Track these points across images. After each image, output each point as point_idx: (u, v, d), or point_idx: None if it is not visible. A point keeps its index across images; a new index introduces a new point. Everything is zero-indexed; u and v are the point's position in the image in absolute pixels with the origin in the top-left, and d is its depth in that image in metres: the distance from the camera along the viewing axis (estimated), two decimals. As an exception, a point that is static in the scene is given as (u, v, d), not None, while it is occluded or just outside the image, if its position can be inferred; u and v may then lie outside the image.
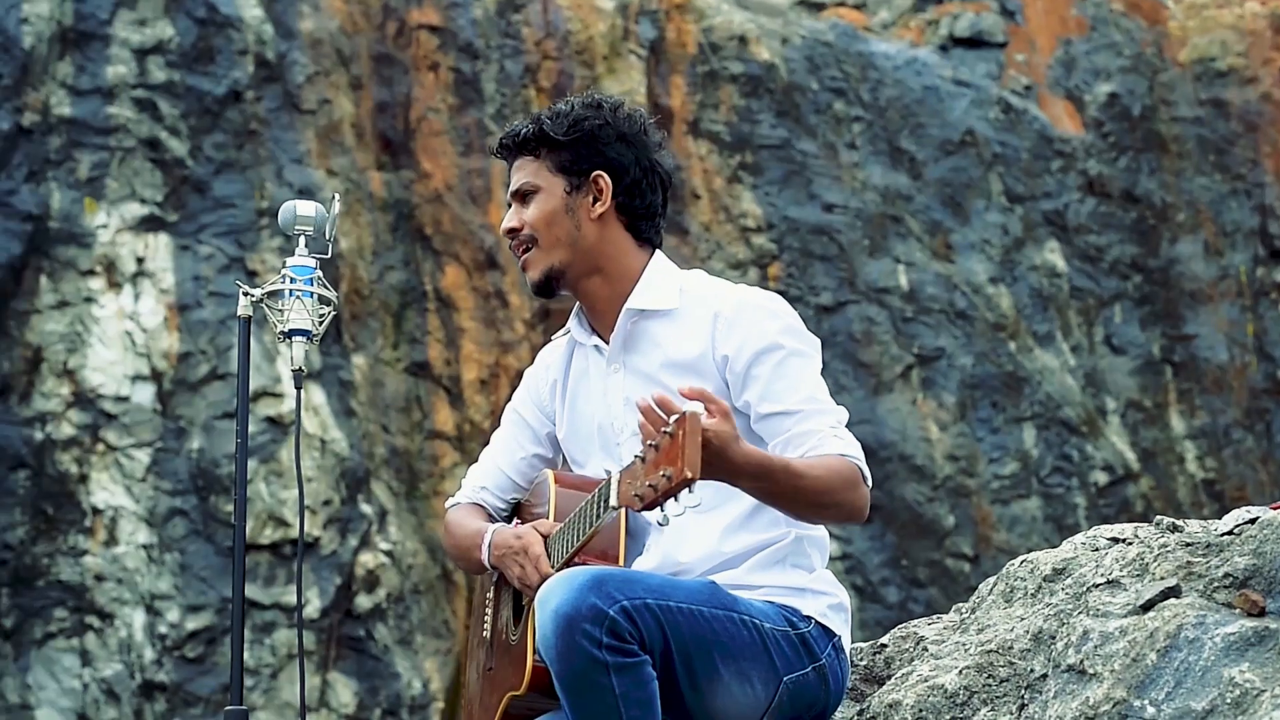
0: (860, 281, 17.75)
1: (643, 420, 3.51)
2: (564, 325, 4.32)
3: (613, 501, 3.51)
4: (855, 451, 3.85)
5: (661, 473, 3.32)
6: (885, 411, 17.41)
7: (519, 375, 17.69)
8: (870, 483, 3.85)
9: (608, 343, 4.11)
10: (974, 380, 17.90)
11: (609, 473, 3.57)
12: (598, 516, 3.63)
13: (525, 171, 4.12)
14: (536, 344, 16.52)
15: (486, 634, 4.24)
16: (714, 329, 3.96)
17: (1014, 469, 17.67)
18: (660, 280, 4.10)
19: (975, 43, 19.61)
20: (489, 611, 4.26)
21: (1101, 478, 17.93)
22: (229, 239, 15.68)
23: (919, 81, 19.03)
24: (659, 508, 3.34)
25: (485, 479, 4.33)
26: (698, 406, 3.31)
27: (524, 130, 4.11)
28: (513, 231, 4.14)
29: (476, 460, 4.40)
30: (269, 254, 15.62)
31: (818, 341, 4.04)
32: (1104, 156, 19.38)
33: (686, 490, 3.30)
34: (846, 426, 3.95)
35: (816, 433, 3.84)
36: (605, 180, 4.09)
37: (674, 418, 3.35)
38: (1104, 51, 19.83)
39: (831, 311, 17.50)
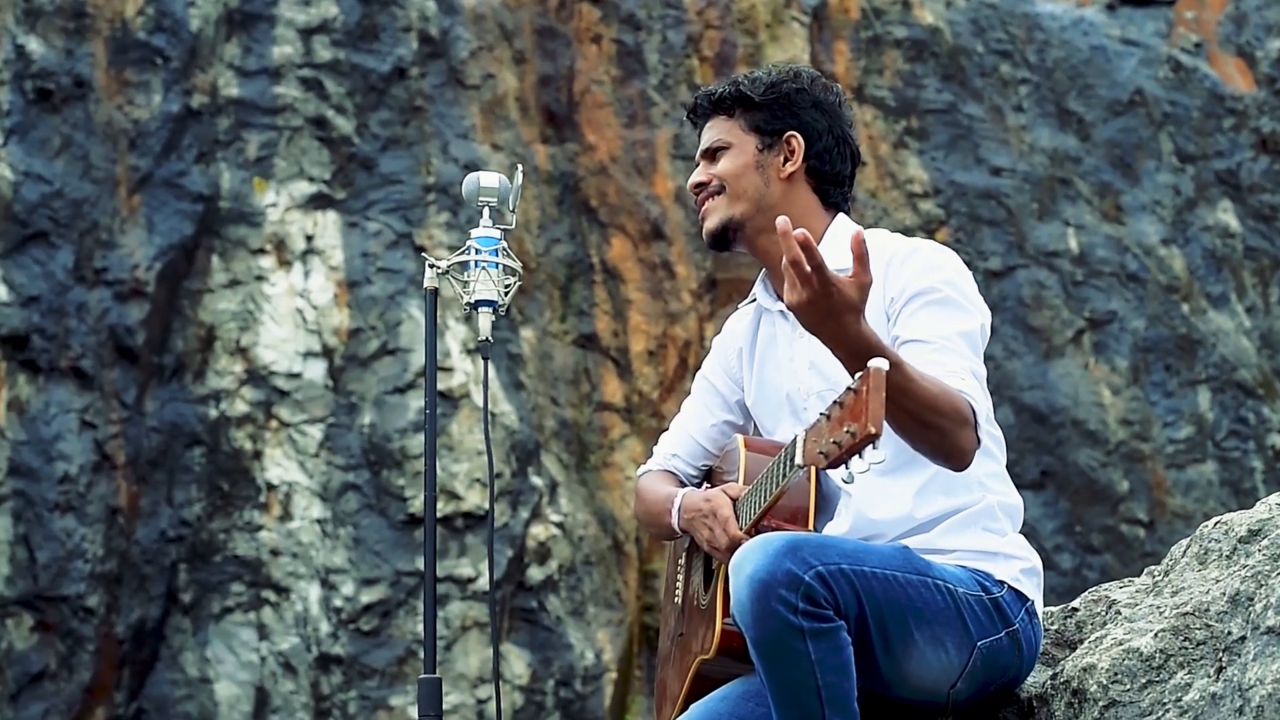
0: (1029, 245, 17.57)
1: (785, 232, 3.52)
2: (730, 295, 4.32)
3: (798, 460, 3.49)
4: (978, 398, 3.76)
5: (845, 429, 3.30)
6: (1057, 377, 17.24)
7: (686, 345, 17.73)
8: (980, 436, 3.75)
9: None
10: (1147, 343, 17.67)
11: (797, 433, 3.56)
12: (784, 476, 3.62)
13: (717, 130, 4.12)
14: (703, 314, 16.50)
15: (678, 600, 4.25)
16: (885, 274, 3.92)
17: (1189, 433, 17.44)
18: (843, 241, 4.02)
19: (1143, 1, 19.33)
20: (680, 578, 4.26)
21: (1279, 440, 17.66)
22: (396, 215, 15.78)
23: (1086, 41, 18.79)
24: (844, 465, 3.31)
25: (676, 446, 4.32)
26: (883, 363, 3.27)
27: (720, 91, 4.12)
28: (700, 185, 4.12)
29: (646, 431, 4.41)
30: (436, 229, 15.71)
31: (985, 309, 3.96)
32: (1277, 113, 19.05)
33: (870, 447, 3.26)
34: (1015, 391, 3.88)
35: (945, 365, 3.78)
36: (798, 140, 4.08)
37: (859, 374, 3.32)
38: (1275, 6, 19.48)
39: (1000, 276, 17.35)
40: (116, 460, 14.71)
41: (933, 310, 3.86)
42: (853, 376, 3.52)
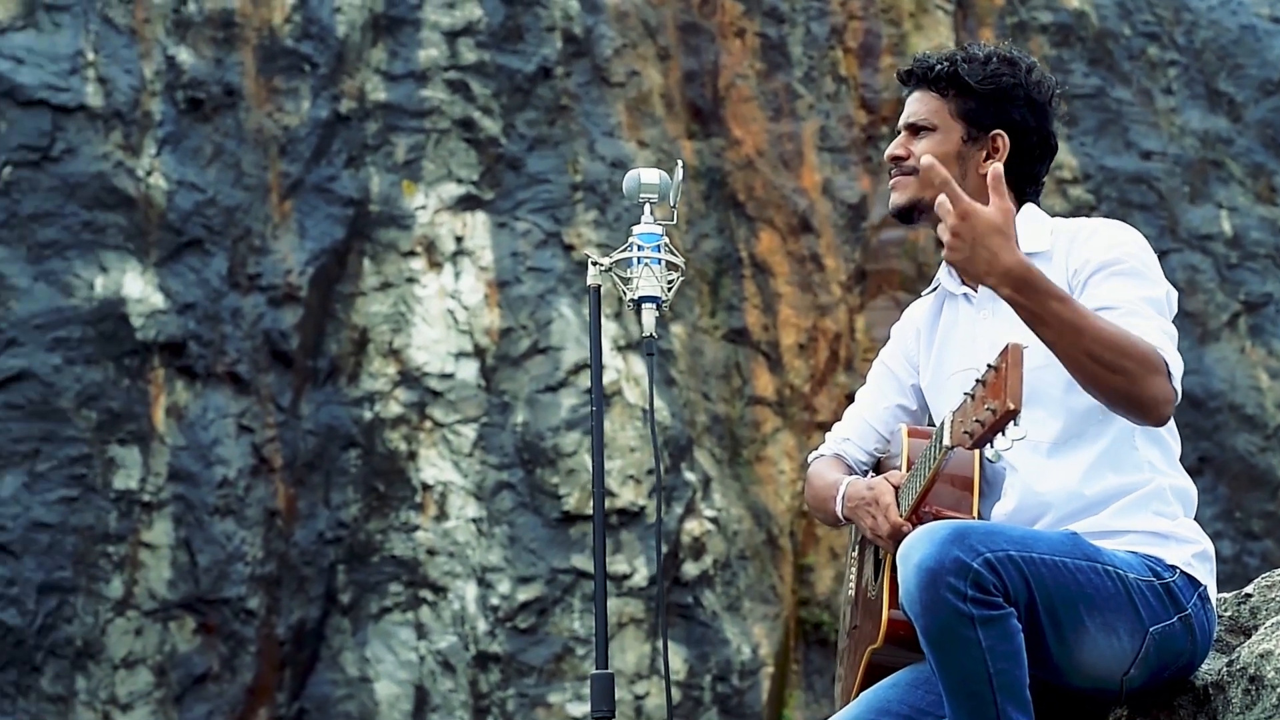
0: (1182, 229, 17.37)
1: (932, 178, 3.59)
2: (880, 286, 4.34)
3: (946, 441, 3.51)
4: (1172, 358, 3.71)
5: (987, 407, 3.31)
6: (1213, 361, 17.03)
7: (837, 338, 17.68)
8: (1178, 388, 3.69)
9: (976, 290, 4.06)
10: (1304, 325, 17.43)
11: (944, 415, 3.56)
12: (934, 459, 3.61)
13: (926, 107, 4.10)
14: (853, 306, 16.44)
15: (852, 593, 4.26)
16: (1069, 250, 3.89)
17: (1349, 415, 17.18)
18: (1032, 225, 4.03)
19: (1293, -22, 19.06)
20: (854, 571, 4.27)
21: None
22: (544, 214, 15.84)
23: (1235, 21, 18.54)
24: (989, 443, 3.32)
25: (848, 430, 4.32)
26: (1021, 339, 3.28)
27: (938, 65, 4.08)
28: (898, 159, 4.11)
29: (799, 424, 4.43)
30: (584, 227, 15.75)
31: (1172, 289, 3.91)
32: None
33: (1011, 424, 3.26)
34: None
35: (1134, 327, 3.73)
36: (1004, 141, 4.05)
37: (999, 352, 3.33)
38: None
39: (1153, 261, 17.13)
40: (274, 463, 14.86)
41: (1117, 280, 3.83)
42: (1010, 302, 3.60)
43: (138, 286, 14.90)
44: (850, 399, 4.46)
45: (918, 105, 4.10)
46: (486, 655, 14.57)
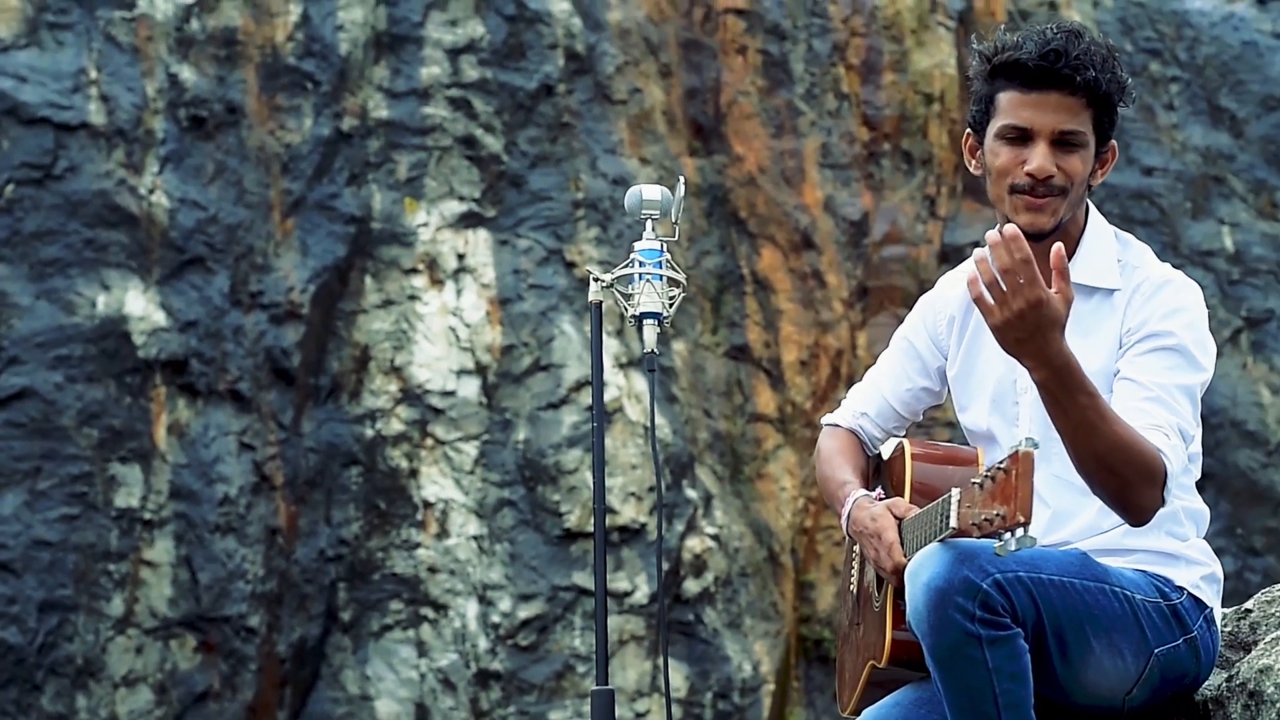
0: (1184, 245, 17.38)
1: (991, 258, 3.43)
2: (881, 303, 4.28)
3: (953, 523, 3.51)
4: (1175, 460, 3.67)
5: (996, 511, 3.31)
6: (1215, 377, 16.89)
7: (838, 355, 17.66)
8: (1165, 498, 3.67)
9: None
10: (1306, 341, 17.43)
11: (952, 491, 3.54)
12: (940, 530, 3.61)
13: (1077, 118, 3.85)
14: (855, 323, 16.44)
15: (853, 586, 4.24)
16: (1129, 300, 3.83)
17: (1351, 431, 17.18)
18: (1100, 250, 3.94)
19: (1294, -6, 19.07)
20: (855, 562, 4.26)
21: None
22: (546, 231, 15.84)
23: (1237, 37, 18.55)
24: (996, 538, 3.33)
25: (868, 404, 4.25)
26: (1032, 446, 3.27)
27: (1091, 75, 3.82)
28: (1048, 176, 3.85)
29: (800, 441, 4.38)
30: (586, 245, 15.75)
31: (1212, 364, 3.84)
32: None
33: (1021, 530, 3.27)
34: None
35: (1152, 416, 3.69)
36: (1115, 152, 3.95)
37: (1008, 454, 3.32)
38: None
39: (1154, 277, 17.13)
40: (275, 481, 14.86)
41: (1161, 356, 3.78)
42: (1040, 386, 3.54)
43: (140, 304, 14.90)
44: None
45: (1069, 115, 3.84)
46: (487, 673, 14.57)
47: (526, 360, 15.38)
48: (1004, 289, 3.49)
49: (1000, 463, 3.30)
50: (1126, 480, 3.61)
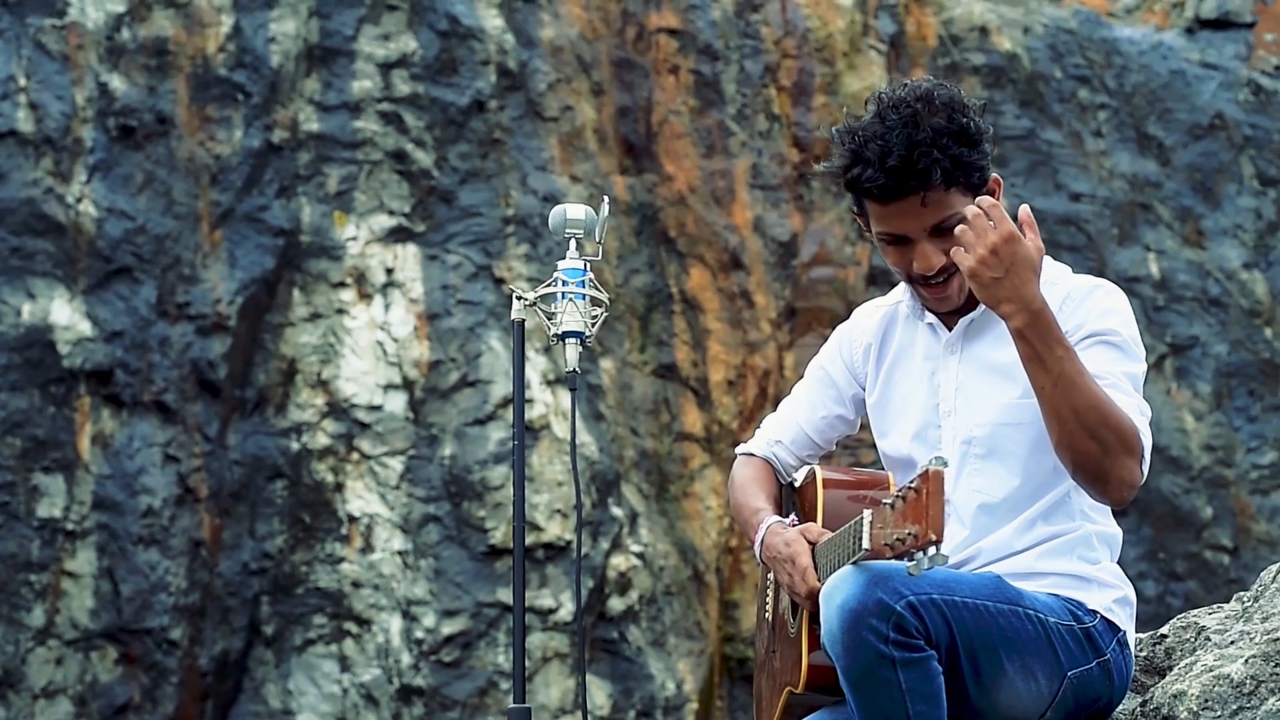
0: (1110, 271, 17.49)
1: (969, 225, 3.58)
2: (810, 324, 4.30)
3: (865, 545, 3.52)
4: (1147, 439, 3.74)
5: (908, 530, 3.33)
6: (1138, 403, 17.12)
7: (766, 375, 17.68)
8: (1144, 474, 3.74)
9: (947, 324, 4.04)
10: (1230, 369, 17.55)
11: (864, 513, 3.57)
12: (852, 552, 3.63)
13: (944, 204, 3.85)
14: (783, 343, 16.48)
15: (768, 614, 4.26)
16: (1060, 308, 3.86)
17: (1273, 458, 17.30)
18: None
19: (1222, 24, 19.21)
20: (770, 590, 4.27)
21: (1364, 466, 17.50)
22: (475, 248, 15.83)
23: (1165, 65, 18.71)
24: (909, 559, 3.35)
25: (782, 433, 4.29)
26: (941, 465, 3.29)
27: (939, 172, 3.81)
28: (941, 269, 3.90)
29: (726, 461, 4.39)
30: (515, 261, 15.75)
31: (1144, 357, 3.94)
32: (1359, 136, 18.91)
33: (934, 548, 3.29)
34: None
35: (1117, 399, 3.75)
36: (999, 181, 3.97)
37: (919, 473, 3.34)
38: (1356, 29, 19.35)
39: (1080, 303, 17.23)
40: (199, 493, 14.80)
41: (1106, 350, 3.84)
42: (1017, 336, 3.64)
43: (65, 314, 14.82)
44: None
45: (930, 211, 3.84)
46: (410, 689, 14.53)
47: (454, 376, 15.36)
48: (974, 233, 3.60)
49: (911, 482, 3.33)
50: (1106, 445, 3.66)
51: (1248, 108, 18.70)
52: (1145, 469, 3.75)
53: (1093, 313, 3.88)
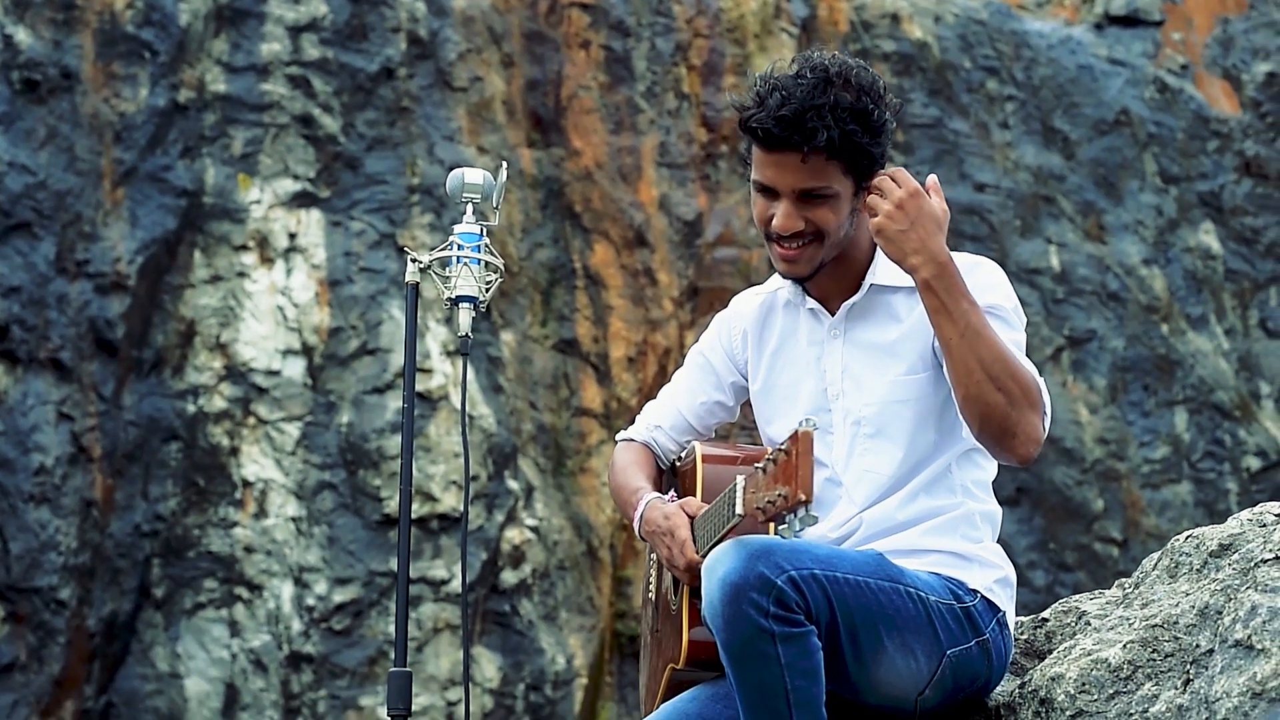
0: (1011, 262, 17.61)
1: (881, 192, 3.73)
2: (711, 303, 4.32)
3: (739, 510, 3.53)
4: (1046, 393, 3.83)
5: (779, 491, 3.33)
6: (1035, 394, 17.25)
7: (666, 353, 17.67)
8: (1046, 431, 3.79)
9: (829, 309, 4.06)
10: (1125, 363, 17.71)
11: (737, 479, 3.58)
12: (727, 519, 3.64)
13: (820, 174, 3.86)
14: (684, 322, 16.51)
15: (652, 594, 4.28)
16: None
17: (1165, 453, 17.48)
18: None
19: (1131, 21, 19.37)
20: (654, 572, 4.28)
21: (1254, 463, 17.69)
22: (380, 215, 15.77)
23: (1073, 60, 18.84)
24: (781, 521, 3.35)
25: (662, 418, 4.31)
26: (811, 427, 3.30)
27: (825, 136, 3.81)
28: (797, 234, 3.91)
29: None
30: (419, 230, 15.70)
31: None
32: (1261, 137, 19.10)
33: (804, 510, 3.30)
34: None
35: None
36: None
37: (788, 436, 3.35)
38: (1263, 30, 19.54)
39: (981, 292, 17.34)
40: (93, 453, 14.69)
41: (995, 321, 3.88)
42: (924, 288, 3.71)
43: (-39, 267, 14.67)
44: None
45: (809, 173, 3.84)
46: (299, 655, 14.48)
47: (353, 343, 15.30)
48: (882, 191, 3.74)
49: (781, 445, 3.34)
50: (1012, 397, 3.71)
51: (1153, 105, 18.86)
52: (1047, 426, 3.80)
53: (978, 288, 3.91)
